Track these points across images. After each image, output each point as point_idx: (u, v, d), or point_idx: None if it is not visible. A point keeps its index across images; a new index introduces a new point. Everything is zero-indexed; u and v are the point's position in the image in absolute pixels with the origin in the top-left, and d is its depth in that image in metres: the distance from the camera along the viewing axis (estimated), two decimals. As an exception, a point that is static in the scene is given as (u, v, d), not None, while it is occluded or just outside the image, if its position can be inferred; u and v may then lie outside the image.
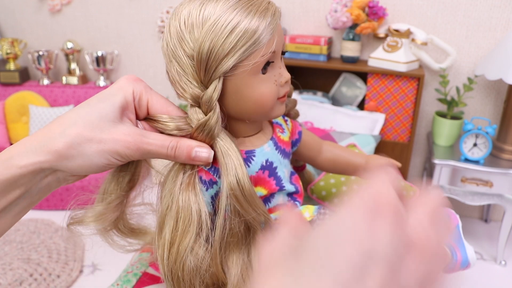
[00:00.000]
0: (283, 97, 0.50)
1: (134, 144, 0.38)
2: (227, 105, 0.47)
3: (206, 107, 0.43)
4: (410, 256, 0.19)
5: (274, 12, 0.44)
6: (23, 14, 2.11)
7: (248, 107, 0.47)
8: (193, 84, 0.43)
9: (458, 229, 0.83)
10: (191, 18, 0.43)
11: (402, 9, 1.59)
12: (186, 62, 0.43)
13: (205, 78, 0.43)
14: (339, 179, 1.08)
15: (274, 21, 0.44)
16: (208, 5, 0.43)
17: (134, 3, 1.94)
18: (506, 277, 1.44)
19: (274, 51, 0.45)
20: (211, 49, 0.41)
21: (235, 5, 0.42)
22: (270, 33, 0.43)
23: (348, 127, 1.52)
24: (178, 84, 0.44)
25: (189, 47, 0.43)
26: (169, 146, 0.40)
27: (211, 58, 0.42)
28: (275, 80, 0.48)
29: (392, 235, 0.19)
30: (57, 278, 1.38)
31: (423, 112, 1.70)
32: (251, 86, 0.45)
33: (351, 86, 1.67)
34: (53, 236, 1.59)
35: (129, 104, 0.41)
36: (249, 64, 0.43)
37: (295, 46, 1.63)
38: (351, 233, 0.19)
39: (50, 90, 2.04)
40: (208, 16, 0.42)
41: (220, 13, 0.42)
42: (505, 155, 1.42)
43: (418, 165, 1.81)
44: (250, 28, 0.42)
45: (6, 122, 2.01)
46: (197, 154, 0.41)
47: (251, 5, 0.43)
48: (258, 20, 0.42)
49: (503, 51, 1.35)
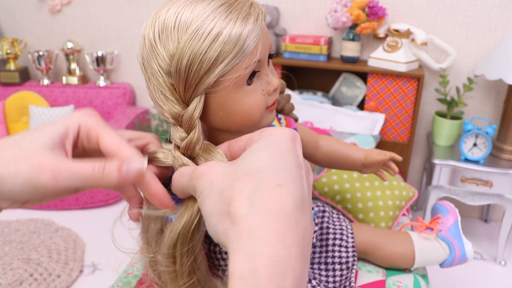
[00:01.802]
0: (272, 105, 0.47)
1: (50, 167, 0.33)
2: (211, 120, 0.43)
3: (187, 126, 0.40)
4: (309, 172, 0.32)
5: (257, 16, 0.40)
6: (23, 14, 2.11)
7: (235, 121, 0.44)
8: (172, 101, 0.40)
9: (457, 224, 0.83)
10: (166, 29, 0.39)
11: (402, 9, 1.59)
12: (163, 78, 0.39)
13: (185, 95, 0.40)
14: (341, 176, 1.08)
15: (257, 27, 0.40)
16: (183, 13, 0.38)
17: (134, 3, 1.94)
18: (506, 277, 1.44)
19: (259, 59, 0.41)
20: (190, 65, 0.38)
21: (214, 12, 0.38)
22: (254, 41, 0.39)
23: (348, 127, 1.52)
24: (156, 101, 0.41)
25: (165, 63, 0.39)
26: (96, 165, 0.34)
27: (190, 75, 0.38)
28: (262, 89, 0.44)
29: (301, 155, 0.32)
30: (57, 278, 1.38)
31: (423, 112, 1.70)
32: (236, 100, 0.42)
33: (351, 86, 1.67)
34: (53, 236, 1.59)
35: (69, 138, 0.36)
36: (231, 78, 0.39)
37: (295, 46, 1.63)
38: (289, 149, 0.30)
39: (50, 90, 2.04)
40: (184, 27, 0.38)
41: (197, 24, 0.37)
42: (505, 155, 1.42)
43: (418, 165, 1.81)
44: (232, 39, 0.38)
45: (6, 122, 2.01)
46: (129, 167, 0.35)
47: (231, 12, 0.38)
48: (239, 29, 0.38)
49: (503, 51, 1.35)
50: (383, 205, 1.02)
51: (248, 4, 0.40)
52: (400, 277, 0.83)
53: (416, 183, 1.83)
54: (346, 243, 0.78)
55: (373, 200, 1.02)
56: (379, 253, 0.82)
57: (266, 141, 0.31)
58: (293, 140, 0.31)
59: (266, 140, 0.31)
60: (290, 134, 0.32)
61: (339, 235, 0.78)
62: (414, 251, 0.80)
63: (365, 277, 0.83)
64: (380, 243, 0.82)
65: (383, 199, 1.03)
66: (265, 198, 0.26)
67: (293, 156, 0.30)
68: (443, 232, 0.81)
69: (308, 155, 0.76)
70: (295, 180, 0.28)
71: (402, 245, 0.81)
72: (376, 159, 0.76)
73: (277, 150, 0.30)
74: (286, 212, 0.26)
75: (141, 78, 0.43)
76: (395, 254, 0.82)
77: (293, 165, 0.29)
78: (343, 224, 0.81)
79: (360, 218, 1.01)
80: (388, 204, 1.03)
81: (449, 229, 0.82)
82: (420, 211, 1.81)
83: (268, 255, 0.25)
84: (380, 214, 1.01)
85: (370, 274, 0.84)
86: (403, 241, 0.82)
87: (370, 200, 1.02)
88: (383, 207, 1.02)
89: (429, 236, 0.82)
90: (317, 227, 0.78)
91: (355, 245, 0.79)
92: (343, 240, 0.78)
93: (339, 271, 0.75)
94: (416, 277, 0.83)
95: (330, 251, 0.76)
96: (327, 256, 0.76)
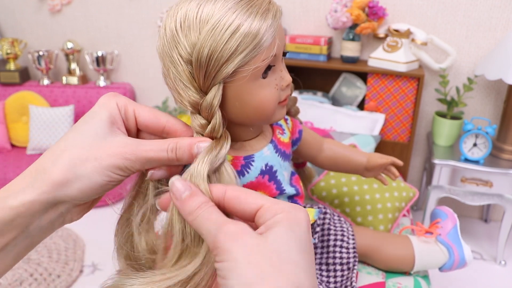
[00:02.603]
0: (284, 100, 0.48)
1: (132, 153, 0.36)
2: (227, 111, 0.45)
3: (206, 113, 0.41)
4: None
5: (275, 13, 0.42)
6: (23, 14, 2.11)
7: (248, 113, 0.45)
8: (191, 90, 0.41)
9: (456, 229, 0.83)
10: (188, 20, 0.40)
11: (402, 9, 1.59)
12: (183, 67, 0.40)
13: (204, 84, 0.41)
14: (339, 179, 1.08)
15: (276, 22, 0.42)
16: (205, 6, 0.40)
17: (134, 3, 1.94)
18: (506, 277, 1.44)
19: (275, 54, 0.43)
20: (211, 55, 0.39)
21: (235, 6, 0.39)
22: (272, 36, 0.41)
23: (348, 127, 1.52)
24: (175, 89, 0.42)
25: (186, 52, 0.40)
26: (168, 148, 0.37)
27: (210, 64, 0.39)
28: (276, 84, 0.46)
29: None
30: (57, 278, 1.38)
31: (423, 112, 1.70)
32: (252, 92, 0.44)
33: (351, 86, 1.67)
34: (53, 236, 1.59)
35: (116, 118, 0.38)
36: (249, 69, 0.41)
37: (295, 46, 1.63)
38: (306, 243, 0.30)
39: (50, 90, 2.04)
40: (206, 19, 0.39)
41: (219, 16, 0.39)
42: (505, 155, 1.42)
43: (418, 165, 1.81)
44: (251, 32, 0.39)
45: (6, 122, 2.01)
46: (199, 149, 0.38)
47: (251, 6, 0.40)
48: (259, 23, 0.40)
49: (503, 51, 1.35)
50: (382, 207, 1.02)
51: (267, 1, 0.42)
52: (400, 279, 0.83)
53: (416, 183, 1.83)
54: (347, 244, 0.78)
55: (372, 203, 1.02)
56: (379, 256, 0.82)
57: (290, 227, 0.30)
58: (309, 224, 0.32)
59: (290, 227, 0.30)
60: (307, 218, 0.32)
61: (340, 236, 0.79)
62: (414, 254, 0.80)
63: (365, 278, 0.83)
64: (380, 246, 0.82)
65: (382, 201, 1.03)
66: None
67: (309, 247, 0.30)
68: (443, 236, 0.81)
69: (311, 157, 0.77)
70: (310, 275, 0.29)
71: (401, 248, 0.81)
72: (378, 162, 0.76)
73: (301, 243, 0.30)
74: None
75: (141, 78, 0.43)
76: (395, 257, 0.81)
77: (310, 259, 0.30)
78: (344, 225, 0.82)
79: (359, 222, 1.01)
80: (387, 207, 1.03)
81: (448, 233, 0.82)
82: (420, 211, 1.81)
83: None
84: (379, 217, 1.01)
85: (370, 276, 0.84)
86: (403, 244, 0.82)
87: (368, 203, 1.02)
88: (382, 209, 1.02)
89: (428, 240, 0.82)
90: (318, 228, 0.79)
91: (356, 246, 0.80)
92: (344, 241, 0.78)
93: (340, 271, 0.75)
94: (417, 279, 0.83)
95: (331, 252, 0.77)
96: (328, 256, 0.77)
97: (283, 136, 0.59)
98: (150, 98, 2.09)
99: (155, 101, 2.08)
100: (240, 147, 0.51)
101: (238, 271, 0.28)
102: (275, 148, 0.55)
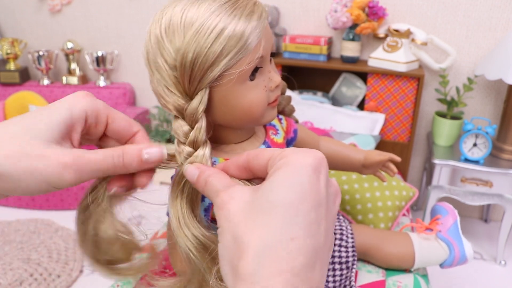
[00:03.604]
0: (274, 101, 0.48)
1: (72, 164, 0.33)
2: (214, 115, 0.44)
3: (191, 119, 0.40)
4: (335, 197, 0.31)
5: (261, 14, 0.41)
6: (23, 14, 2.11)
7: (237, 116, 0.45)
8: (175, 95, 0.40)
9: (456, 225, 0.83)
10: (172, 25, 0.40)
11: (402, 9, 1.59)
12: (168, 72, 0.40)
13: (190, 89, 0.40)
14: (340, 178, 1.08)
15: (261, 24, 0.41)
16: (190, 10, 0.40)
17: (134, 3, 1.94)
18: (506, 277, 1.44)
19: (262, 55, 0.43)
20: (195, 59, 0.39)
21: (219, 9, 0.39)
22: (257, 37, 0.41)
23: (348, 127, 1.52)
24: (160, 95, 0.41)
25: (171, 57, 0.39)
26: (114, 155, 0.35)
27: (195, 69, 0.39)
28: (265, 85, 0.45)
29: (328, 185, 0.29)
30: (57, 278, 1.38)
31: (423, 112, 1.70)
32: (239, 95, 0.43)
33: (351, 86, 1.67)
34: (53, 236, 1.59)
35: (75, 123, 0.35)
36: (235, 72, 0.41)
37: (295, 46, 1.63)
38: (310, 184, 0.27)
39: (50, 90, 2.04)
40: (190, 23, 0.39)
41: (202, 20, 0.39)
42: (505, 155, 1.42)
43: (418, 165, 1.81)
44: (235, 35, 0.39)
45: (6, 122, 2.01)
46: (149, 155, 0.36)
47: (235, 9, 0.40)
48: (243, 25, 0.39)
49: (503, 51, 1.35)
50: (382, 206, 1.02)
51: (252, 2, 0.42)
52: (400, 277, 0.83)
53: (416, 183, 1.83)
54: (346, 243, 0.78)
55: (372, 201, 1.02)
56: (379, 254, 0.82)
57: (286, 172, 0.28)
58: (316, 169, 0.28)
59: (287, 171, 0.28)
60: (313, 163, 0.28)
61: (339, 235, 0.79)
62: (414, 252, 0.80)
63: (365, 277, 0.83)
64: (380, 244, 0.82)
65: (382, 200, 1.03)
66: (273, 259, 0.25)
67: (313, 195, 0.27)
68: (443, 233, 0.81)
69: None
70: (310, 228, 0.26)
71: (402, 246, 0.81)
72: (376, 159, 0.76)
73: (298, 187, 0.27)
74: (296, 271, 0.25)
75: (141, 78, 0.43)
76: (395, 254, 0.82)
77: (312, 206, 0.27)
78: (343, 224, 0.82)
79: (359, 220, 1.01)
80: (387, 205, 1.03)
81: (449, 229, 0.82)
82: (420, 211, 1.81)
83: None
84: (379, 215, 1.01)
85: (370, 274, 0.84)
86: (403, 242, 0.82)
87: (369, 201, 1.02)
88: (382, 208, 1.02)
89: (428, 236, 0.82)
90: None
91: (355, 245, 0.79)
92: (343, 240, 0.78)
93: (339, 270, 0.75)
94: (416, 277, 0.83)
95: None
96: None
97: (277, 136, 0.59)
98: (150, 98, 2.09)
99: (154, 101, 2.08)
100: (231, 150, 0.51)
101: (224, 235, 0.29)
102: None
